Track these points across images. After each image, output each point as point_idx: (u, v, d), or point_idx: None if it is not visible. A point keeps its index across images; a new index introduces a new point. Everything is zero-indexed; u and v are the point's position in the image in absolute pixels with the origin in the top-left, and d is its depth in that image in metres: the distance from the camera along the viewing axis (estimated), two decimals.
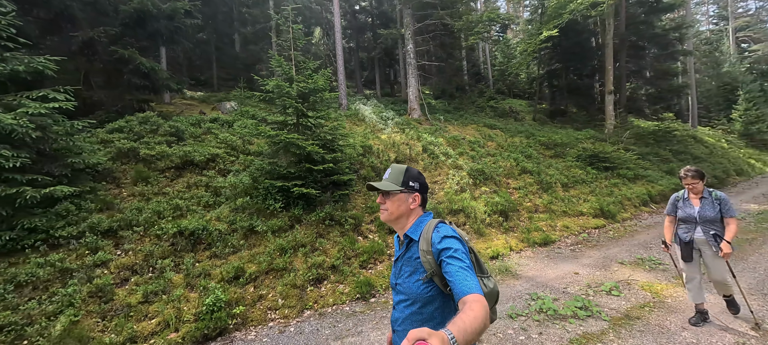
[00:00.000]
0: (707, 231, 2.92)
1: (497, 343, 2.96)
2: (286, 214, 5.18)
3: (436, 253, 1.11)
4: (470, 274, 1.02)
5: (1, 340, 2.85)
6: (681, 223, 3.13)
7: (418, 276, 1.17)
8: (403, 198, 1.24)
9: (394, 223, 1.28)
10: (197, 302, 3.59)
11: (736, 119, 22.50)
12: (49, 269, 3.54)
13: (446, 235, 1.14)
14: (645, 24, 16.59)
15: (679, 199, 3.19)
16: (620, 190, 8.97)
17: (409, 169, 1.28)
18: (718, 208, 2.93)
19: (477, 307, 0.87)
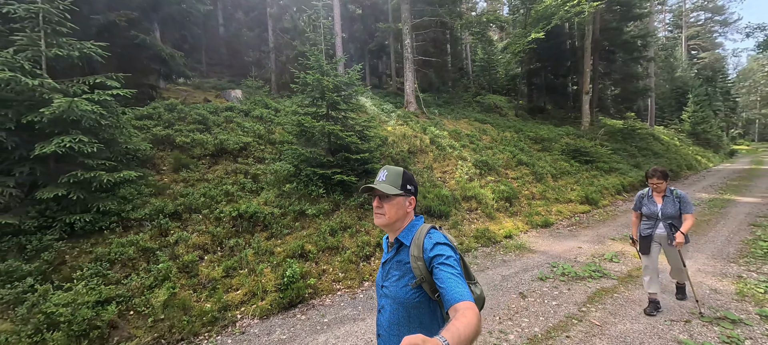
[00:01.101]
0: (668, 227, 3.14)
1: (538, 297, 3.72)
2: (327, 199, 5.65)
3: (427, 259, 1.11)
4: (462, 281, 1.03)
5: (112, 310, 3.16)
6: (645, 218, 3.32)
7: (406, 281, 1.16)
8: (401, 202, 1.22)
9: (389, 228, 1.25)
10: (274, 275, 4.03)
11: (686, 120, 25.30)
12: (132, 248, 3.82)
13: (439, 241, 1.14)
14: (616, 31, 18.25)
15: (644, 196, 3.37)
16: (599, 180, 10.22)
17: (406, 171, 1.26)
18: (678, 205, 3.14)
19: (470, 314, 0.88)
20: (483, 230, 6.22)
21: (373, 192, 1.23)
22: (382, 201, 1.21)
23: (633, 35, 19.05)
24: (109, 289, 3.30)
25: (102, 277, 3.44)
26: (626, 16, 18.22)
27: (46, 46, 4.15)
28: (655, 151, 15.62)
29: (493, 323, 3.22)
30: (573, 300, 3.62)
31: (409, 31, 14.65)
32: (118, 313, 3.19)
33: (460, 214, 6.70)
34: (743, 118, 40.81)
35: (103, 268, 3.53)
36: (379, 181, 1.24)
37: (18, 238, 3.50)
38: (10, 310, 2.99)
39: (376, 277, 1.36)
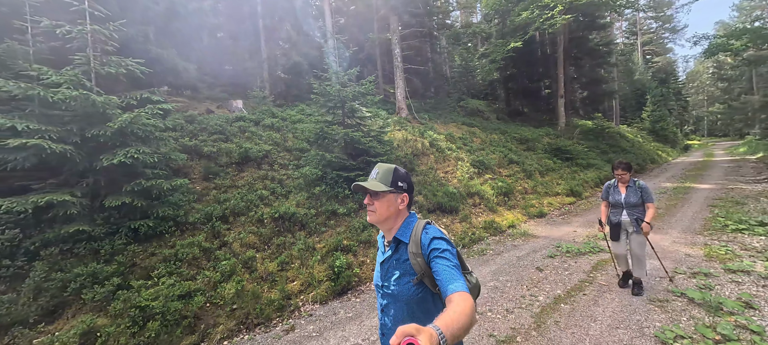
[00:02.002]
0: (632, 214, 3.43)
1: (553, 269, 4.43)
2: (353, 199, 6.15)
3: (425, 255, 1.14)
4: (457, 272, 1.05)
5: (198, 301, 3.52)
6: (612, 207, 3.63)
7: (408, 278, 1.18)
8: (391, 199, 1.22)
9: (382, 225, 1.26)
10: (323, 267, 4.49)
11: (646, 118, 27.79)
12: (195, 249, 4.16)
13: (435, 236, 1.17)
14: (582, 39, 20.03)
15: (610, 186, 3.66)
16: (579, 175, 11.34)
17: (397, 169, 1.26)
18: (640, 194, 3.43)
19: (464, 304, 0.90)
20: (489, 222, 6.95)
21: (363, 189, 1.22)
22: (372, 198, 1.22)
23: (597, 43, 20.96)
24: (188, 284, 3.65)
25: (177, 275, 3.78)
26: (590, 26, 20.07)
27: (98, 64, 4.42)
28: (623, 148, 17.26)
29: (522, 290, 3.88)
30: (581, 269, 4.36)
31: (398, 41, 15.40)
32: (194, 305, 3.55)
33: (467, 209, 7.40)
34: (693, 115, 45.08)
35: (175, 267, 3.86)
36: (371, 179, 1.25)
37: (91, 244, 3.76)
38: (104, 307, 3.29)
39: (374, 278, 1.36)
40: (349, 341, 3.12)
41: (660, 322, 2.96)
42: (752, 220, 5.78)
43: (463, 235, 6.30)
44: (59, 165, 4.16)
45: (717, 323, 2.84)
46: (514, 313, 3.38)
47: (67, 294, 3.32)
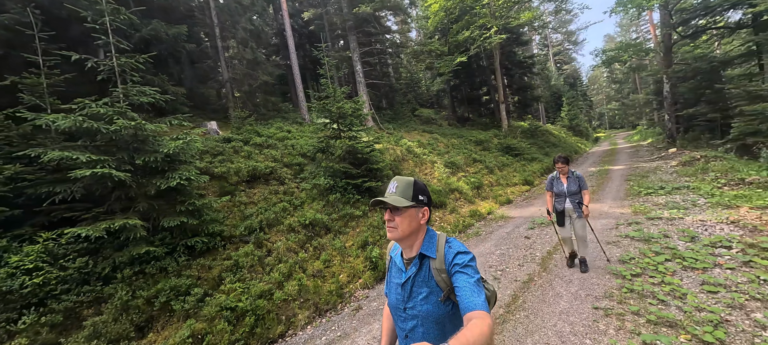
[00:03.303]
0: (573, 201, 3.88)
1: (536, 236, 5.76)
2: (363, 202, 6.90)
3: (449, 270, 1.12)
4: (479, 289, 1.03)
5: (279, 296, 4.00)
6: (556, 196, 4.03)
7: (435, 297, 1.14)
8: (413, 213, 1.18)
9: (404, 241, 1.21)
10: (360, 260, 5.21)
11: (564, 117, 32.90)
12: (249, 258, 4.57)
13: (459, 250, 1.15)
14: (511, 53, 23.40)
15: (553, 178, 4.08)
16: (528, 168, 13.51)
17: (417, 181, 1.21)
18: (578, 183, 3.90)
19: (481, 325, 0.88)
20: (473, 211, 8.25)
21: (383, 205, 1.19)
22: (393, 214, 1.17)
23: (523, 56, 24.62)
24: (260, 286, 4.11)
25: (243, 281, 4.19)
26: (516, 42, 23.56)
27: (130, 94, 4.61)
28: (553, 143, 20.55)
29: (522, 252, 5.10)
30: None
31: (358, 58, 16.49)
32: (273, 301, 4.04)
33: (452, 203, 8.63)
34: (597, 112, 54.11)
35: (240, 274, 4.26)
36: (390, 193, 1.20)
37: (158, 263, 3.99)
38: (193, 314, 3.62)
39: (390, 302, 1.29)
40: None
41: (619, 252, 4.36)
42: (655, 185, 7.97)
43: (456, 223, 7.45)
44: (103, 195, 4.28)
45: (650, 248, 4.32)
46: (524, 265, 4.55)
47: (155, 309, 3.57)
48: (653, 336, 2.53)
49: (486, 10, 16.31)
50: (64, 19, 6.17)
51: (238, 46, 14.66)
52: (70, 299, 3.36)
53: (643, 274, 3.66)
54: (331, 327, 3.78)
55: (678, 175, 8.74)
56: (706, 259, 3.71)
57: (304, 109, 15.17)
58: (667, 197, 6.82)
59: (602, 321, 2.92)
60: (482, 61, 26.36)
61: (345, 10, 16.14)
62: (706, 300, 2.96)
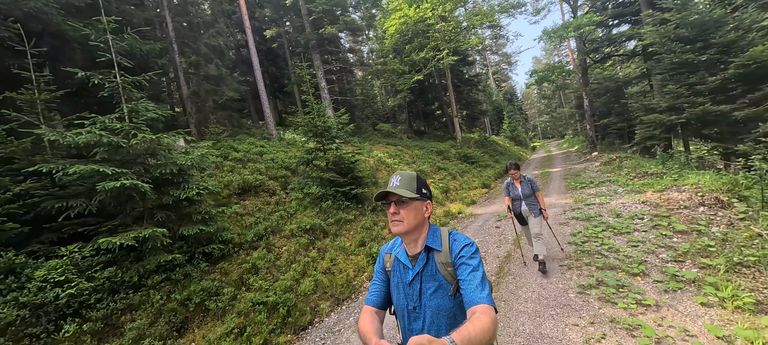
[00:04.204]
0: (529, 203, 4.19)
1: (505, 226, 6.88)
2: (353, 208, 7.47)
3: (455, 262, 1.13)
4: (483, 282, 1.03)
5: (302, 289, 4.40)
6: (513, 200, 4.31)
7: (444, 291, 1.14)
8: (418, 206, 1.19)
9: (409, 235, 1.20)
10: (362, 257, 5.78)
11: (506, 129, 36.75)
12: (263, 261, 4.89)
13: (465, 243, 1.16)
14: (460, 72, 25.92)
15: (508, 184, 4.37)
16: (484, 173, 15.19)
17: (419, 175, 1.22)
18: (530, 186, 4.19)
19: (486, 319, 0.88)
20: (446, 211, 9.28)
21: (387, 198, 1.19)
22: (398, 207, 1.16)
23: (470, 75, 27.37)
24: (282, 283, 4.48)
25: (265, 280, 4.52)
26: (463, 62, 26.19)
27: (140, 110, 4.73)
28: (501, 152, 23.06)
29: (496, 238, 6.14)
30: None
31: (322, 75, 17.12)
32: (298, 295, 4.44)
33: None
34: (531, 124, 60.95)
35: (261, 274, 4.58)
36: (394, 186, 1.19)
37: (182, 269, 4.16)
38: (227, 312, 3.90)
39: (397, 303, 1.26)
40: None
41: (569, 229, 5.60)
42: (586, 181, 9.81)
43: (434, 222, 8.37)
44: (115, 209, 4.35)
45: (590, 223, 5.63)
46: (501, 246, 5.56)
47: (190, 310, 3.78)
48: (602, 274, 3.60)
49: (438, 35, 18.16)
50: (39, 33, 5.90)
51: (200, 62, 14.34)
52: (105, 307, 3.46)
53: (588, 241, 4.85)
54: (352, 312, 4.31)
55: (602, 173, 10.81)
56: (628, 227, 5.05)
57: (272, 125, 15.21)
58: (596, 189, 8.55)
59: (567, 272, 3.95)
60: (435, 80, 28.64)
61: (308, 29, 16.73)
62: (631, 251, 4.17)
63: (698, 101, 8.70)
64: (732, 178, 5.80)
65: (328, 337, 3.73)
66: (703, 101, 8.57)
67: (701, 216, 4.76)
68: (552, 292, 3.58)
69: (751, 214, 4.38)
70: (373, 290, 1.31)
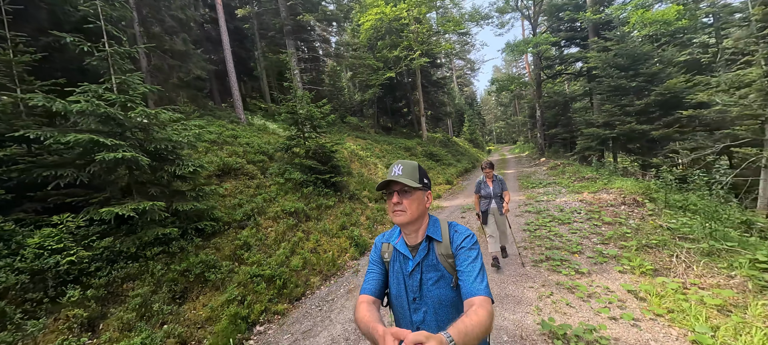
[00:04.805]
0: (497, 202, 4.36)
1: (470, 216, 7.76)
2: (333, 195, 7.83)
3: (456, 253, 1.13)
4: (483, 273, 1.03)
5: (295, 264, 4.73)
6: (482, 198, 4.45)
7: (446, 282, 1.14)
8: (420, 196, 1.18)
9: (410, 226, 1.18)
10: (344, 239, 6.22)
11: (466, 131, 38.99)
12: (256, 238, 5.13)
13: (466, 234, 1.16)
14: (429, 74, 27.05)
15: (481, 182, 4.47)
16: (447, 170, 16.29)
17: (420, 165, 1.20)
18: (500, 185, 4.42)
19: (482, 313, 0.88)
20: None
21: (390, 187, 1.17)
22: (402, 196, 1.14)
23: (437, 77, 28.65)
24: (275, 258, 4.78)
25: (257, 256, 4.78)
26: (433, 65, 27.36)
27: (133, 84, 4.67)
28: (462, 152, 24.62)
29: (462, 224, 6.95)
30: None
31: (296, 63, 16.99)
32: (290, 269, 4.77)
33: None
34: (488, 128, 65.06)
35: (253, 251, 4.83)
36: (397, 175, 1.16)
37: (177, 243, 4.27)
38: (226, 283, 4.14)
39: (396, 294, 1.24)
40: None
41: (524, 220, 6.58)
42: (536, 182, 11.20)
43: None
44: (103, 180, 4.31)
45: (541, 215, 6.67)
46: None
47: (189, 280, 3.95)
48: (550, 252, 4.49)
49: (412, 35, 18.89)
50: None
51: (164, 35, 13.45)
52: (106, 275, 3.53)
53: (539, 229, 5.83)
54: (341, 285, 4.77)
55: (549, 176, 12.35)
56: (569, 218, 6.14)
57: (240, 108, 14.79)
58: (544, 189, 9.87)
59: (523, 252, 4.81)
60: (404, 78, 29.49)
61: (284, 14, 16.42)
62: (571, 236, 5.17)
63: (626, 120, 10.43)
64: (646, 184, 7.24)
65: (323, 305, 4.16)
66: (630, 121, 10.30)
67: (622, 212, 5.98)
68: (512, 266, 4.39)
69: (657, 211, 5.65)
70: (370, 279, 1.27)
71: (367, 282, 1.27)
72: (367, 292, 1.22)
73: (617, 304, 3.08)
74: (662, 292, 3.10)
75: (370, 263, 1.33)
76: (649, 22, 11.31)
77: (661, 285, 3.24)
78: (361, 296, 1.21)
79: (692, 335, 2.47)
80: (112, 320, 3.26)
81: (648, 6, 12.02)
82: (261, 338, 3.55)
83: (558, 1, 17.13)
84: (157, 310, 3.44)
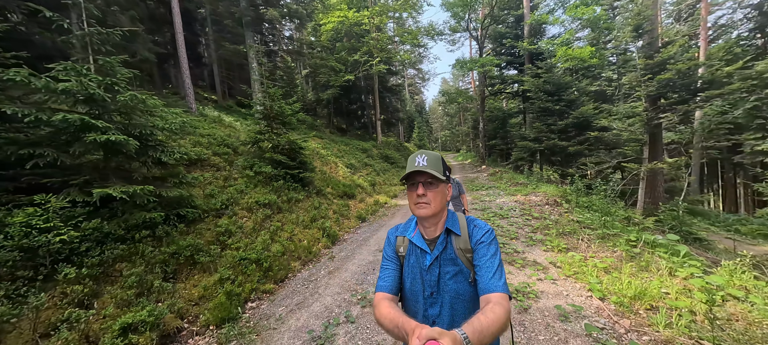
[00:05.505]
0: (455, 204, 4.67)
1: None
2: (301, 190, 8.16)
3: (475, 248, 1.11)
4: (501, 269, 1.00)
5: (278, 249, 5.08)
6: None
7: (464, 277, 1.12)
8: (444, 189, 1.16)
9: (431, 219, 1.17)
10: (316, 229, 6.68)
11: (415, 137, 41.13)
12: (235, 226, 5.35)
13: (486, 229, 1.14)
14: (386, 80, 28.21)
15: None
16: (401, 173, 17.39)
17: (443, 157, 1.17)
18: (458, 188, 4.72)
19: (499, 311, 0.85)
20: (375, 201, 10.77)
21: (414, 178, 1.15)
22: (427, 188, 1.12)
23: (393, 84, 29.98)
24: (258, 244, 5.08)
25: (240, 241, 5.04)
26: (390, 72, 28.61)
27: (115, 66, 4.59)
28: None
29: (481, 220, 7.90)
30: None
31: (254, 55, 16.64)
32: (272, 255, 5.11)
33: (360, 195, 10.88)
34: (434, 136, 69.12)
35: (231, 238, 5.06)
36: (421, 165, 1.13)
37: (163, 227, 4.36)
38: (214, 264, 4.37)
39: (412, 288, 1.21)
40: (363, 257, 5.94)
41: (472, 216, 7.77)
42: (480, 186, 12.79)
43: (367, 209, 9.74)
44: (80, 163, 4.24)
45: (485, 212, 7.93)
46: None
47: (180, 262, 4.11)
48: None
49: (373, 42, 19.74)
50: None
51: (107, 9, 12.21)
52: (98, 256, 3.58)
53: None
54: (321, 268, 5.28)
55: (489, 180, 14.15)
56: (507, 214, 7.46)
57: (191, 97, 14.06)
58: (486, 191, 11.41)
59: None
60: (361, 82, 30.23)
61: (243, 4, 15.96)
62: (510, 228, 6.40)
63: (551, 137, 12.57)
64: (563, 189, 9.02)
65: (308, 284, 4.65)
66: (554, 137, 12.45)
67: (546, 210, 7.49)
68: None
69: (570, 209, 7.24)
70: (385, 276, 1.24)
71: (382, 279, 1.24)
72: (384, 290, 1.20)
73: (542, 271, 4.19)
74: (571, 261, 4.31)
75: (384, 259, 1.29)
76: (570, 58, 13.77)
77: (571, 257, 4.47)
78: (379, 294, 1.19)
79: (588, 286, 3.62)
80: (108, 297, 3.37)
81: (570, 44, 14.60)
82: (256, 312, 3.92)
83: (501, 30, 19.54)
84: (158, 287, 3.61)
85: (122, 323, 3.02)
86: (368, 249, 6.06)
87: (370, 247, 6.15)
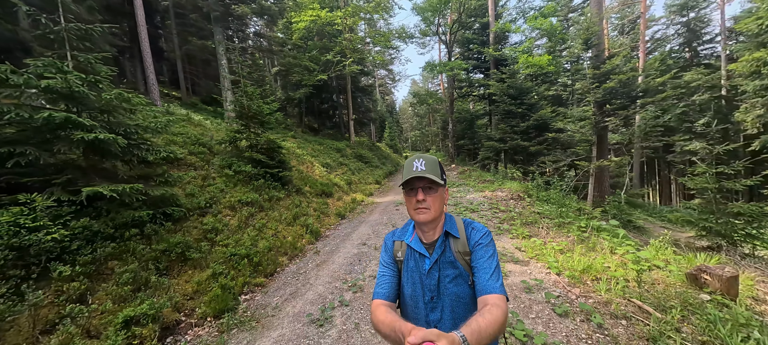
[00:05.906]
0: None
1: (403, 209, 9.23)
2: (281, 189, 8.27)
3: (472, 250, 1.11)
4: (498, 271, 1.00)
5: (265, 245, 5.23)
6: None
7: (464, 279, 1.12)
8: (442, 193, 1.16)
9: (431, 223, 1.17)
10: (299, 226, 6.88)
11: (386, 137, 41.74)
12: (221, 223, 5.43)
13: (484, 231, 1.15)
14: (358, 80, 28.47)
15: None
16: (375, 172, 17.81)
17: (439, 160, 1.18)
18: None
19: (497, 312, 0.85)
20: (352, 199, 11.07)
21: (413, 183, 1.13)
22: (426, 193, 1.12)
23: (365, 84, 30.30)
24: (246, 240, 5.22)
25: (228, 238, 5.14)
26: (362, 73, 28.90)
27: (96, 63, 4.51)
28: (385, 156, 26.68)
29: (397, 215, 8.35)
30: None
31: (224, 52, 16.24)
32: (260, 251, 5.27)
33: (337, 193, 11.13)
34: (405, 136, 70.46)
35: (220, 236, 5.16)
36: (420, 170, 1.12)
37: (151, 225, 4.38)
38: (205, 260, 4.48)
39: (411, 294, 1.21)
40: (348, 250, 6.27)
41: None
42: (450, 183, 13.53)
43: (345, 207, 10.03)
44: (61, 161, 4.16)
45: (457, 206, 8.56)
46: (404, 220, 7.77)
47: (171, 259, 4.18)
48: None
49: (346, 42, 19.94)
50: None
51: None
52: (90, 254, 3.59)
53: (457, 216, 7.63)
54: (308, 262, 5.52)
55: (459, 178, 14.99)
56: (477, 208, 8.14)
57: (156, 94, 13.48)
58: (457, 188, 12.16)
59: None
60: (333, 82, 30.20)
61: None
62: (481, 218, 7.04)
63: (514, 137, 13.63)
64: (526, 185, 9.94)
65: (297, 277, 4.89)
66: (517, 138, 13.51)
67: (511, 203, 8.27)
68: None
69: (532, 203, 8.07)
70: (382, 283, 1.23)
71: (380, 286, 1.23)
72: (381, 297, 1.19)
73: (510, 255, 4.80)
74: (533, 246, 4.97)
75: (382, 266, 1.29)
76: (531, 64, 14.99)
77: (533, 243, 5.14)
78: (376, 301, 1.18)
79: (547, 264, 4.26)
80: (103, 294, 3.42)
81: (530, 52, 15.88)
82: (251, 303, 4.12)
83: (469, 35, 20.63)
84: (154, 282, 3.69)
85: (124, 316, 3.12)
86: (352, 243, 6.39)
87: (353, 241, 6.48)
